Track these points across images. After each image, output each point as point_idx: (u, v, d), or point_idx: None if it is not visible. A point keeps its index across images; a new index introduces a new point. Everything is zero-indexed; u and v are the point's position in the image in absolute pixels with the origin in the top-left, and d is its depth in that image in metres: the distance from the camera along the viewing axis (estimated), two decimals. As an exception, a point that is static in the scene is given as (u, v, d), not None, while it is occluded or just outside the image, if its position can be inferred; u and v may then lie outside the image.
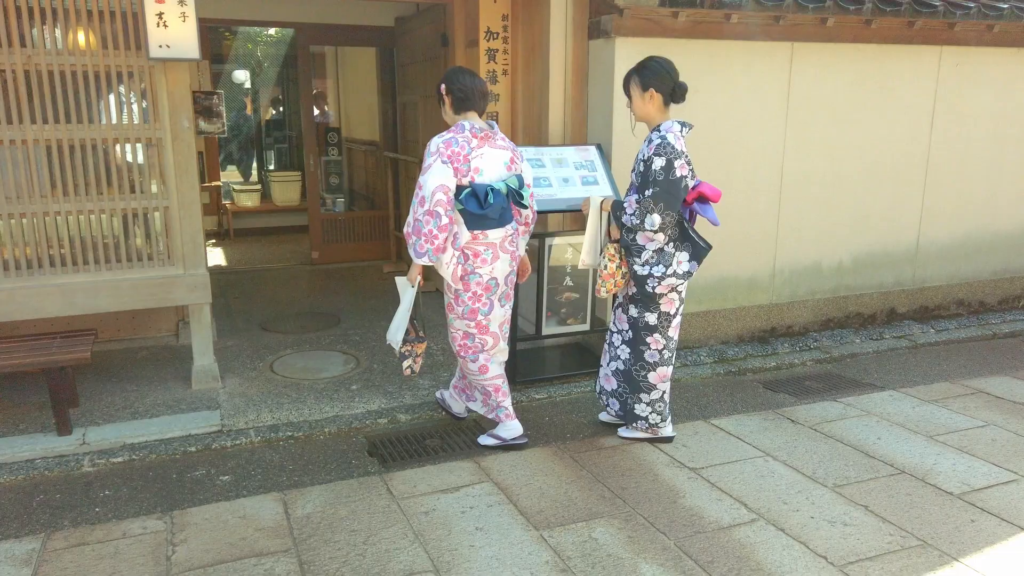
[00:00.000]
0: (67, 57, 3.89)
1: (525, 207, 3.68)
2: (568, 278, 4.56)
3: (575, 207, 4.40)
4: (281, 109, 10.97)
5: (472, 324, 3.67)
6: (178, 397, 4.28)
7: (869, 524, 3.11)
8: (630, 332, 3.73)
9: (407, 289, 3.63)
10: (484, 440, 3.84)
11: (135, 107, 4.06)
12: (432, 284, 6.54)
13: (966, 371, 4.97)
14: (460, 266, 3.56)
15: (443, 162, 3.44)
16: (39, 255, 4.00)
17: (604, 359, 3.94)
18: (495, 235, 3.57)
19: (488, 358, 3.74)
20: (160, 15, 3.85)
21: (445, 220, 3.42)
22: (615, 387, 3.88)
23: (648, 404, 3.75)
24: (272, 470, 3.59)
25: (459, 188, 3.47)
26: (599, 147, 4.67)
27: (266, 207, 9.36)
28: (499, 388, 3.79)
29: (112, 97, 4.00)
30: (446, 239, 3.46)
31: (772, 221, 5.22)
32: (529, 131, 5.20)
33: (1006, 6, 5.40)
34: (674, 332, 3.69)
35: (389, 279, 7.08)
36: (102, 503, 3.28)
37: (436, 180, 3.41)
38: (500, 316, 3.73)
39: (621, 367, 3.82)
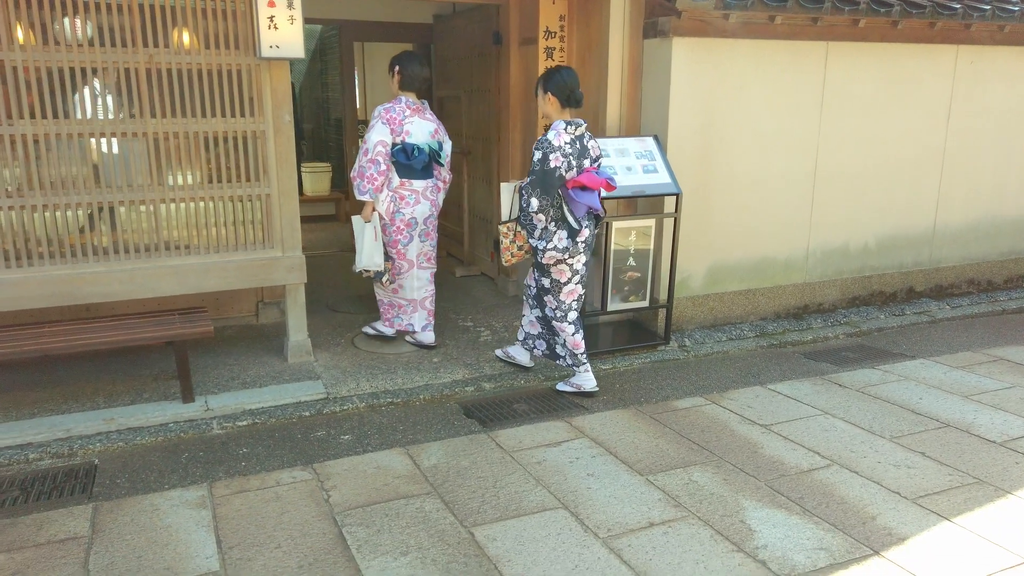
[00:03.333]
0: (184, 56, 4.22)
1: (441, 165, 4.82)
2: (631, 258, 4.97)
3: (639, 194, 4.83)
4: (308, 102, 11.27)
5: (394, 252, 4.82)
6: (278, 370, 4.64)
7: (929, 467, 3.57)
8: (535, 290, 4.47)
9: (364, 225, 4.68)
10: (366, 329, 5.22)
11: (244, 103, 4.39)
12: (477, 268, 6.96)
13: (984, 342, 5.46)
14: (392, 204, 4.69)
15: (383, 123, 4.61)
16: (156, 239, 4.34)
17: (525, 310, 4.62)
18: (418, 184, 4.74)
19: (401, 284, 4.91)
20: (271, 17, 4.21)
21: (383, 167, 4.58)
22: (540, 331, 4.56)
23: (562, 346, 4.45)
24: (385, 430, 3.98)
25: (393, 145, 4.61)
26: (656, 138, 5.08)
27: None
28: (402, 307, 5.02)
29: (222, 93, 4.33)
30: (382, 182, 4.61)
31: (807, 207, 5.67)
32: (583, 124, 5.59)
33: (1017, 8, 5.88)
34: (566, 297, 4.30)
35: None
36: (245, 459, 3.65)
37: (377, 136, 4.56)
38: (417, 248, 4.85)
39: (540, 315, 4.51)
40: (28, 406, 4.06)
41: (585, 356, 4.43)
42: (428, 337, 5.05)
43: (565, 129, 4.10)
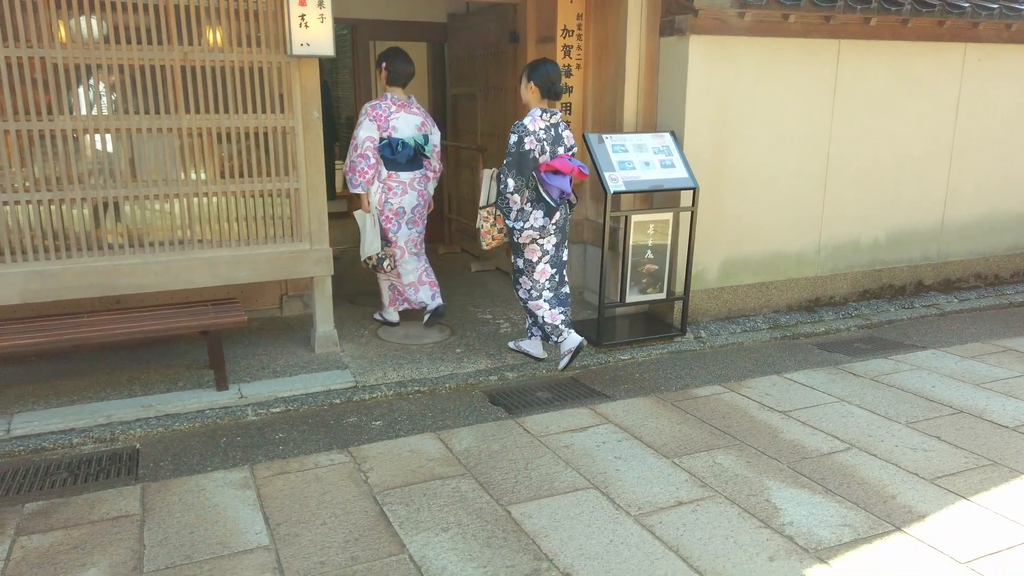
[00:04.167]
0: (217, 54, 4.34)
1: (427, 157, 5.09)
2: (649, 251, 5.09)
3: (658, 188, 4.96)
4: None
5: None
6: (306, 360, 4.76)
7: (945, 450, 3.70)
8: (513, 274, 4.71)
9: (365, 216, 5.03)
10: (376, 316, 5.55)
11: (275, 99, 4.50)
12: (492, 263, 7.07)
13: (992, 333, 5.58)
14: (381, 195, 5.02)
15: (370, 120, 4.92)
16: (189, 232, 4.46)
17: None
18: (405, 176, 5.04)
19: (399, 272, 5.21)
20: (303, 16, 4.33)
21: (372, 160, 4.90)
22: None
23: (533, 323, 4.74)
24: (415, 417, 4.10)
25: (380, 140, 4.92)
26: (673, 134, 5.20)
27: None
28: (401, 291, 5.35)
29: (254, 90, 4.44)
30: (372, 175, 4.93)
31: (819, 202, 5.80)
32: (599, 119, 5.73)
33: (1023, 7, 6.00)
34: (539, 276, 4.58)
35: (447, 259, 7.61)
36: (282, 443, 3.77)
37: (365, 133, 4.89)
38: (406, 235, 5.15)
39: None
40: (67, 393, 4.18)
41: (564, 324, 4.63)
42: (438, 302, 5.31)
43: (540, 116, 4.39)
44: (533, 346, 4.86)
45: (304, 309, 5.66)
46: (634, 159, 5.02)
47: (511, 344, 5.01)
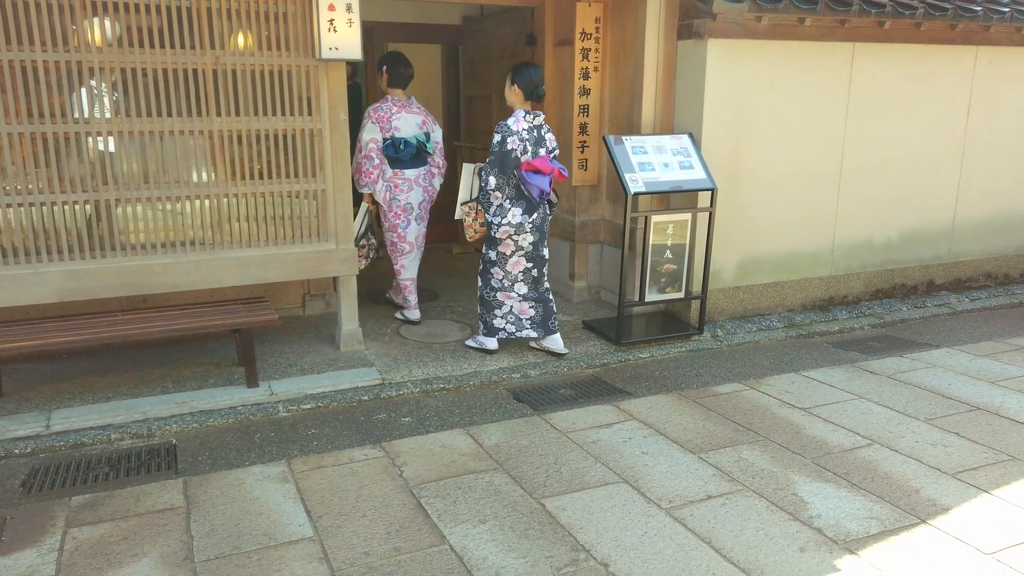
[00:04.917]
0: (247, 57, 4.42)
1: (429, 153, 5.32)
2: (668, 251, 5.17)
3: (676, 189, 5.04)
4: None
5: (394, 235, 5.39)
6: (331, 357, 4.85)
7: (964, 445, 3.78)
8: (481, 264, 4.89)
9: (362, 209, 5.31)
10: (397, 315, 5.63)
11: (303, 102, 4.58)
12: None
13: (1004, 332, 5.67)
14: (388, 193, 5.23)
15: (373, 122, 5.16)
16: (219, 233, 4.54)
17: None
18: (410, 173, 5.27)
19: (404, 264, 5.45)
20: (331, 21, 4.42)
21: (376, 161, 5.14)
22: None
23: (502, 317, 4.88)
24: (443, 413, 4.18)
25: (384, 139, 5.14)
26: (691, 136, 5.29)
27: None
28: (407, 287, 5.53)
29: (282, 93, 4.53)
30: (377, 175, 5.15)
31: (832, 202, 5.88)
32: (616, 121, 5.81)
33: (1034, 10, 6.09)
34: (512, 268, 4.77)
35: (461, 259, 7.70)
36: (315, 438, 3.86)
37: (368, 135, 5.14)
38: (415, 231, 5.41)
39: (478, 294, 4.91)
40: (102, 390, 4.26)
41: (530, 322, 4.85)
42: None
43: (524, 117, 4.61)
44: (553, 343, 4.94)
45: (326, 308, 5.74)
46: (653, 160, 5.10)
47: (532, 343, 5.07)
